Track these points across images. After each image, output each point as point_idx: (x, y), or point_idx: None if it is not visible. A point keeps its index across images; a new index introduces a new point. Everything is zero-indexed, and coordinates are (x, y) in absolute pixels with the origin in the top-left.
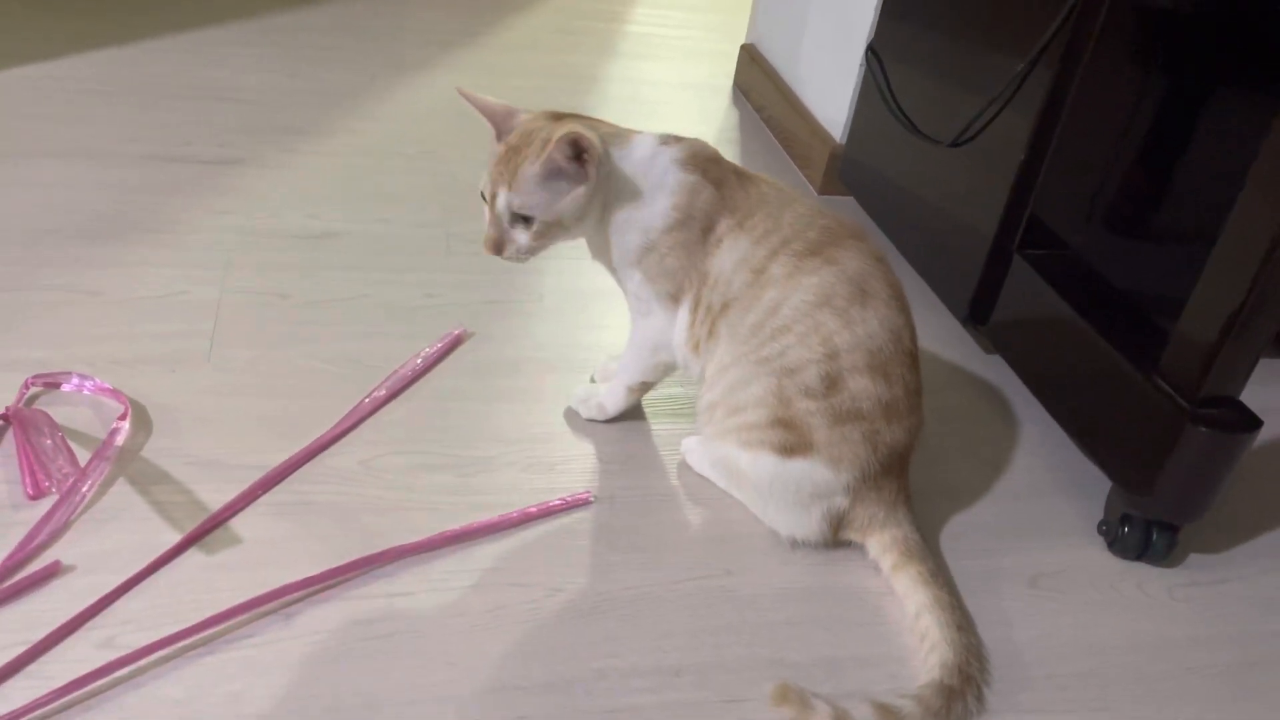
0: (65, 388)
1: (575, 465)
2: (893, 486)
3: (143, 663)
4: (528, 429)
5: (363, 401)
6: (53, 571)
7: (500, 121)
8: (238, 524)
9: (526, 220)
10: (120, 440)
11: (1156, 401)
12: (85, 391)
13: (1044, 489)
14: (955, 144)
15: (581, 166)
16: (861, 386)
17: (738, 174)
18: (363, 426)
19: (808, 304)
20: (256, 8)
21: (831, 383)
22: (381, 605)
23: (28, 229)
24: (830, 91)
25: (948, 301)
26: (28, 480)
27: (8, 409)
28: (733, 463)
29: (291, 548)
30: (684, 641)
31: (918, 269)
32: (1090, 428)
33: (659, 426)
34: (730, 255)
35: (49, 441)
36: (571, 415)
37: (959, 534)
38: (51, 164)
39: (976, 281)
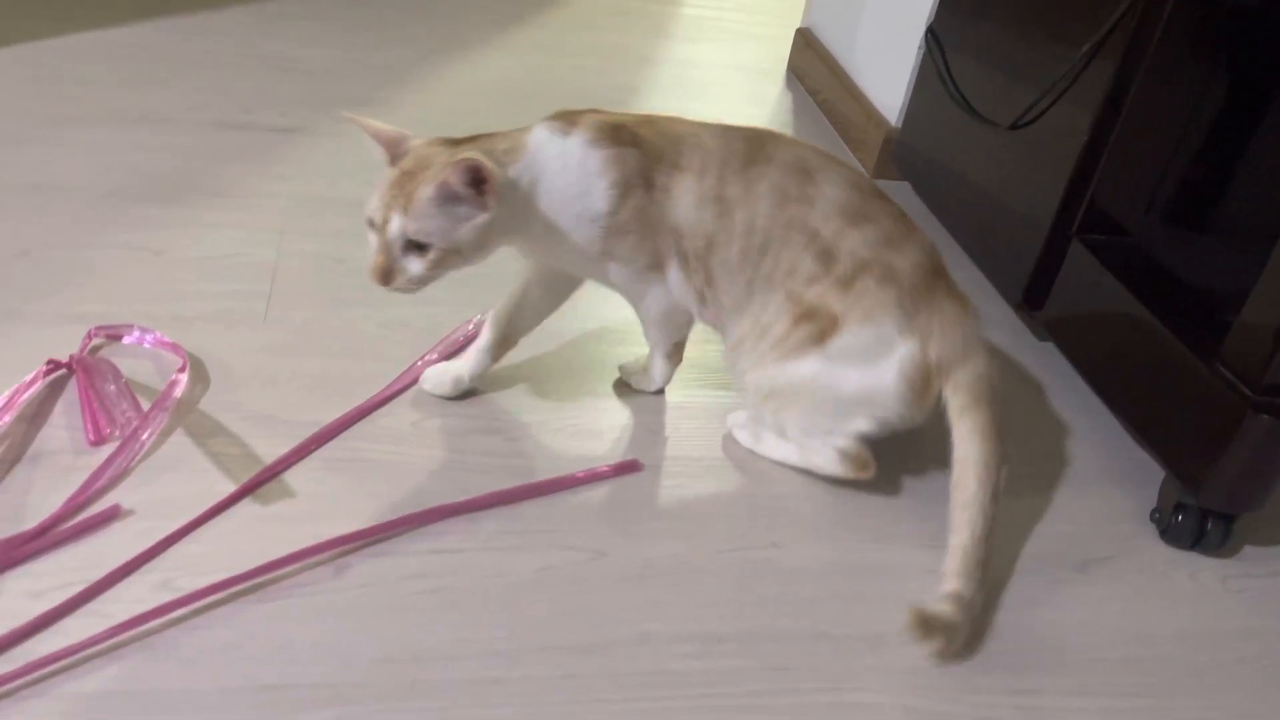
0: (126, 340)
1: (623, 433)
2: (946, 305)
3: (197, 605)
4: (576, 396)
5: (415, 364)
6: (113, 515)
7: (392, 146)
8: (291, 477)
9: (421, 248)
10: (179, 392)
11: (1218, 390)
12: (146, 344)
13: (1096, 476)
14: (1015, 127)
15: (480, 195)
16: (853, 242)
17: (642, 124)
18: (414, 388)
19: (772, 207)
20: None
21: (827, 257)
22: (430, 561)
23: (94, 189)
24: (886, 75)
25: (1001, 287)
26: (90, 427)
27: (72, 357)
28: (781, 386)
29: (343, 502)
30: (727, 610)
31: (970, 254)
32: (1146, 416)
33: (706, 398)
34: (685, 199)
35: (113, 388)
36: (619, 384)
37: (1008, 519)
38: (119, 128)
39: (1032, 267)
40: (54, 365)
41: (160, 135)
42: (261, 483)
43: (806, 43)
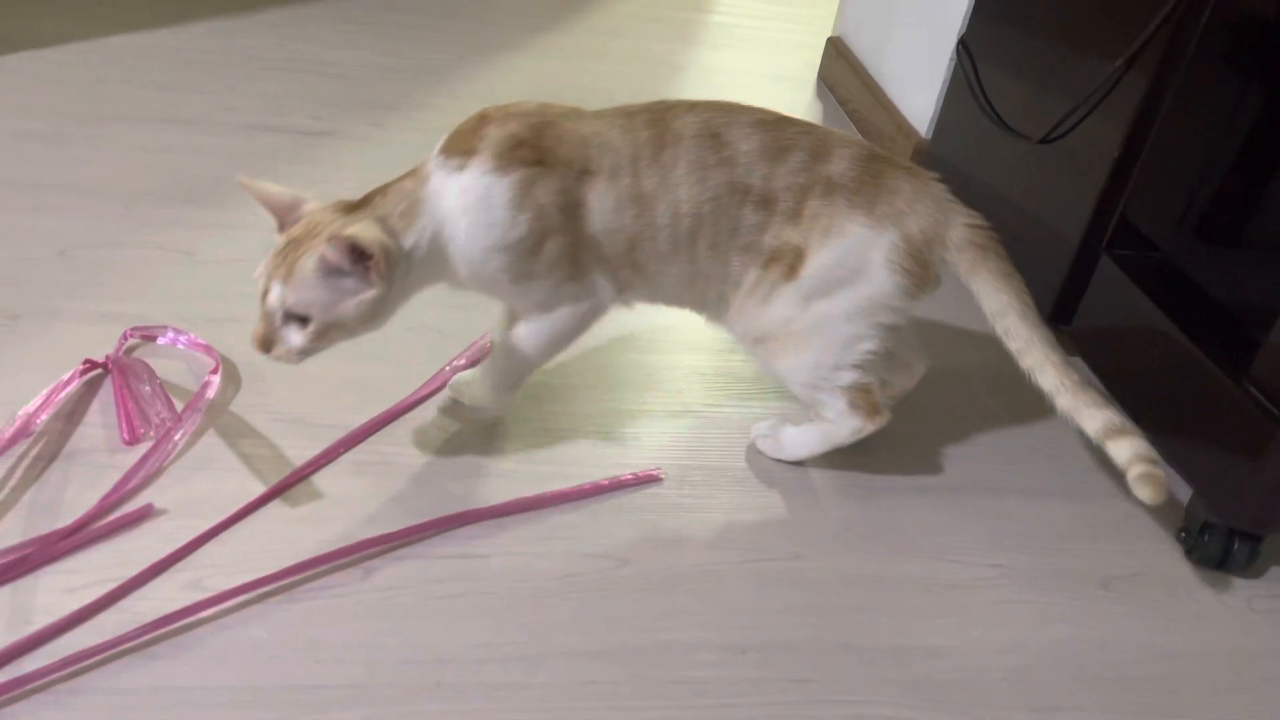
0: (160, 341)
1: (648, 442)
2: (901, 182)
3: (227, 605)
4: (602, 404)
5: (444, 369)
6: (145, 514)
7: (284, 212)
8: (319, 479)
9: (302, 319)
10: (211, 393)
11: (1247, 409)
12: (179, 345)
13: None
14: (1046, 140)
15: (366, 270)
16: (783, 177)
17: (543, 128)
18: (442, 393)
19: (693, 186)
20: None
21: (765, 203)
22: (455, 566)
23: (130, 189)
24: (917, 86)
25: None
26: (124, 426)
27: (108, 357)
28: (770, 328)
29: (370, 505)
30: (750, 620)
31: None
32: (1174, 433)
33: (730, 409)
34: (601, 205)
35: (148, 388)
36: (646, 394)
37: (1031, 532)
38: (155, 128)
39: (1061, 281)
40: (90, 365)
41: (194, 137)
42: (289, 485)
43: (838, 52)
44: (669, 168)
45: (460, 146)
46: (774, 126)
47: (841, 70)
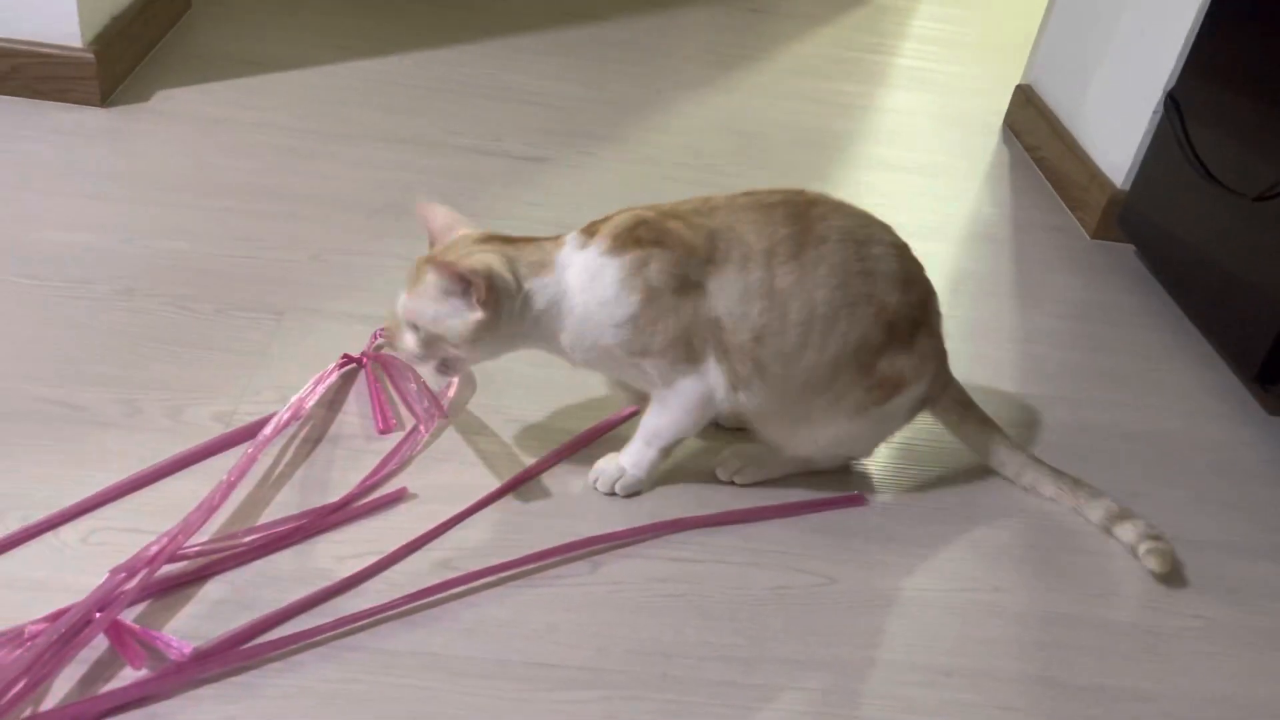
0: None
1: (849, 468)
2: (936, 341)
3: (475, 584)
4: None
5: None
6: (400, 496)
7: (440, 234)
8: (547, 478)
9: (415, 327)
10: (451, 393)
11: None
12: None
13: None
14: (1261, 199)
15: (469, 297)
16: (905, 306)
17: (669, 216)
18: None
19: (834, 289)
20: (556, 21)
21: (891, 327)
22: (675, 568)
23: (370, 202)
24: (1114, 136)
25: (1233, 360)
26: (379, 417)
27: (363, 353)
28: (852, 435)
29: (593, 505)
30: (953, 646)
31: (1199, 324)
32: None
33: (932, 439)
34: (727, 292)
35: (413, 385)
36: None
37: (1234, 588)
38: (389, 148)
39: (1271, 343)
40: (347, 359)
41: (422, 157)
42: (522, 481)
43: (1027, 99)
44: (810, 267)
45: (589, 228)
46: (902, 253)
47: (1030, 118)
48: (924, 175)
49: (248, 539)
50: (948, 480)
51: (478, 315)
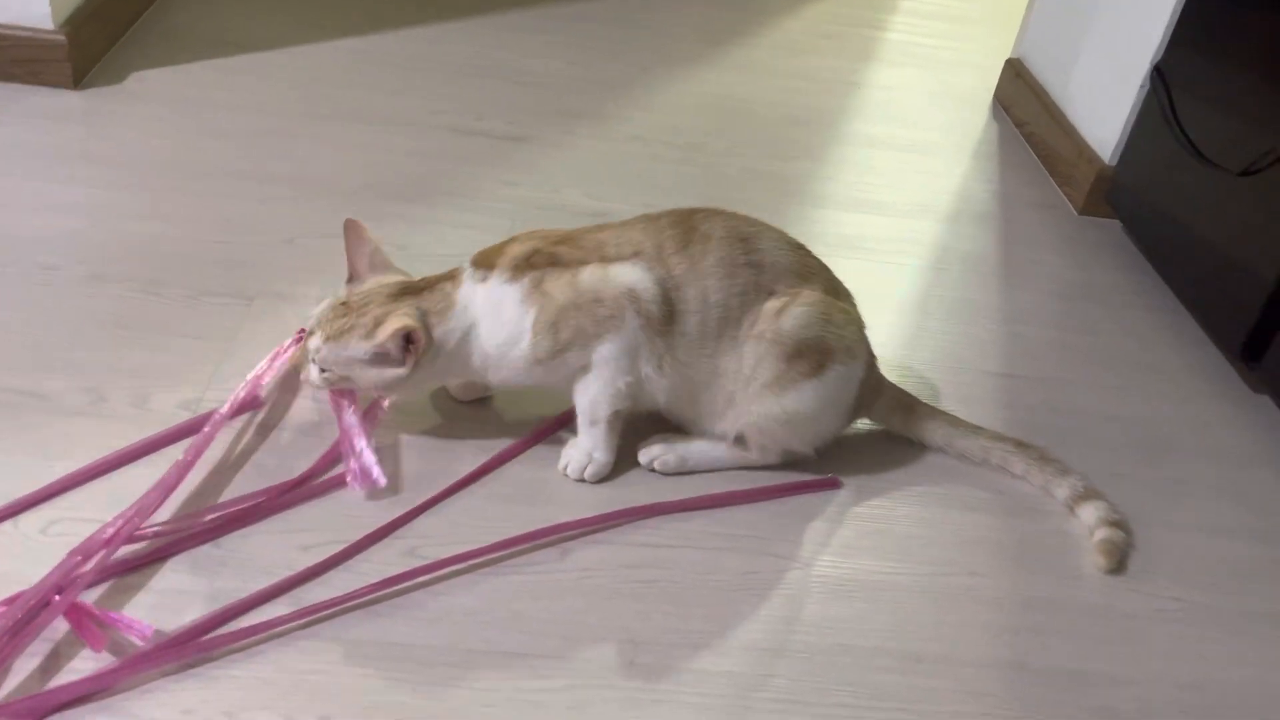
0: None
1: (826, 451)
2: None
3: (441, 573)
4: None
5: None
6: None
7: (359, 268)
8: (517, 465)
9: (325, 370)
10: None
11: None
12: None
13: None
14: (1245, 174)
15: (406, 354)
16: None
17: (561, 241)
18: None
19: (722, 279)
20: None
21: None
22: (646, 554)
23: (350, 184)
24: (1102, 111)
25: (1217, 336)
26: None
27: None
28: (791, 414)
29: (562, 491)
30: (926, 631)
31: (1184, 300)
32: None
33: None
34: (628, 267)
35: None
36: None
37: (1215, 569)
38: (369, 128)
39: (1255, 319)
40: (303, 334)
41: (402, 137)
42: (492, 469)
43: (1016, 73)
44: (696, 259)
45: (484, 261)
46: (797, 249)
47: (1020, 92)
48: (913, 152)
49: (206, 518)
50: (923, 464)
51: (398, 371)
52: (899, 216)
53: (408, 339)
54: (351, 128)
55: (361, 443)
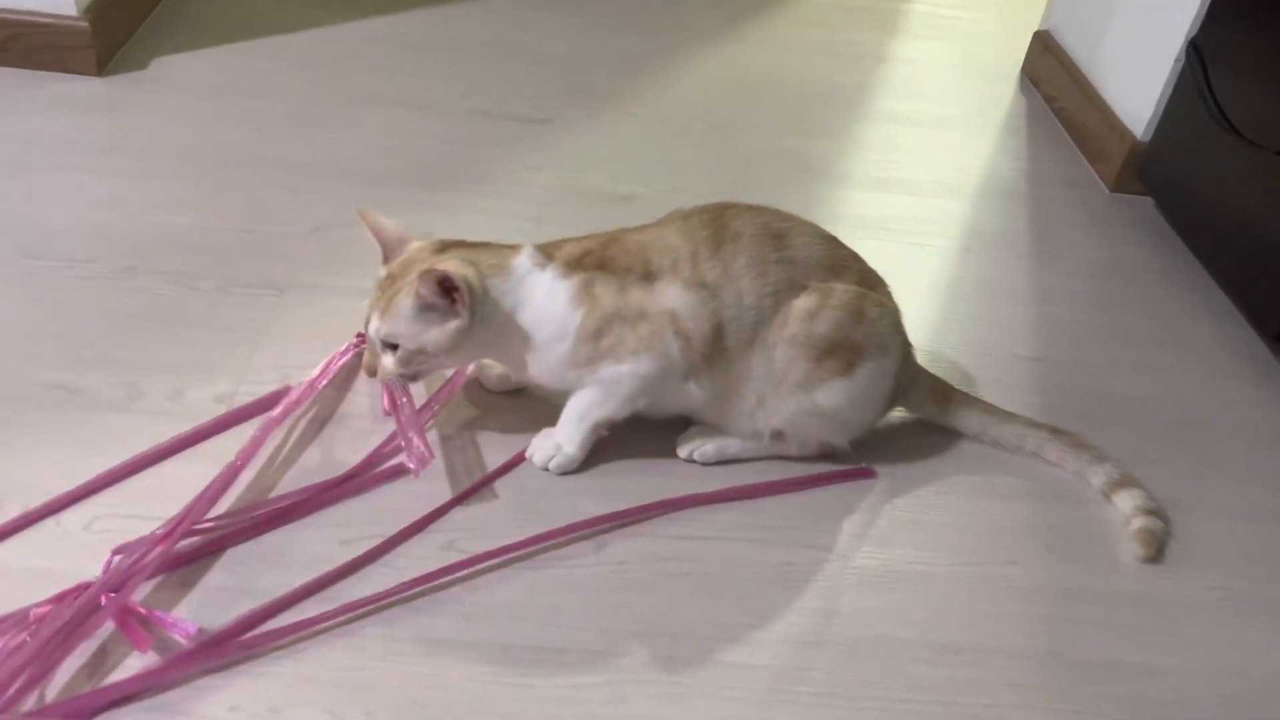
0: None
1: (865, 439)
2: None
3: (478, 567)
4: None
5: None
6: (399, 471)
7: (390, 246)
8: None
9: (394, 346)
10: (461, 380)
11: None
12: None
13: None
14: None
15: (452, 302)
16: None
17: (607, 244)
18: None
19: (755, 279)
20: None
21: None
22: (680, 546)
23: (374, 170)
24: (1135, 86)
25: (1252, 315)
26: (385, 397)
27: (360, 335)
28: (823, 410)
29: (597, 485)
30: (962, 622)
31: (1219, 279)
32: None
33: None
34: (671, 289)
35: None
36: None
37: (1251, 556)
38: (392, 112)
39: None
40: (362, 339)
41: (425, 120)
42: (522, 460)
43: (1045, 46)
44: (729, 261)
45: (550, 250)
46: (829, 241)
47: (1049, 66)
48: (939, 128)
49: (249, 516)
50: (957, 451)
51: (456, 322)
52: (925, 196)
53: (443, 283)
54: (374, 112)
55: (414, 429)
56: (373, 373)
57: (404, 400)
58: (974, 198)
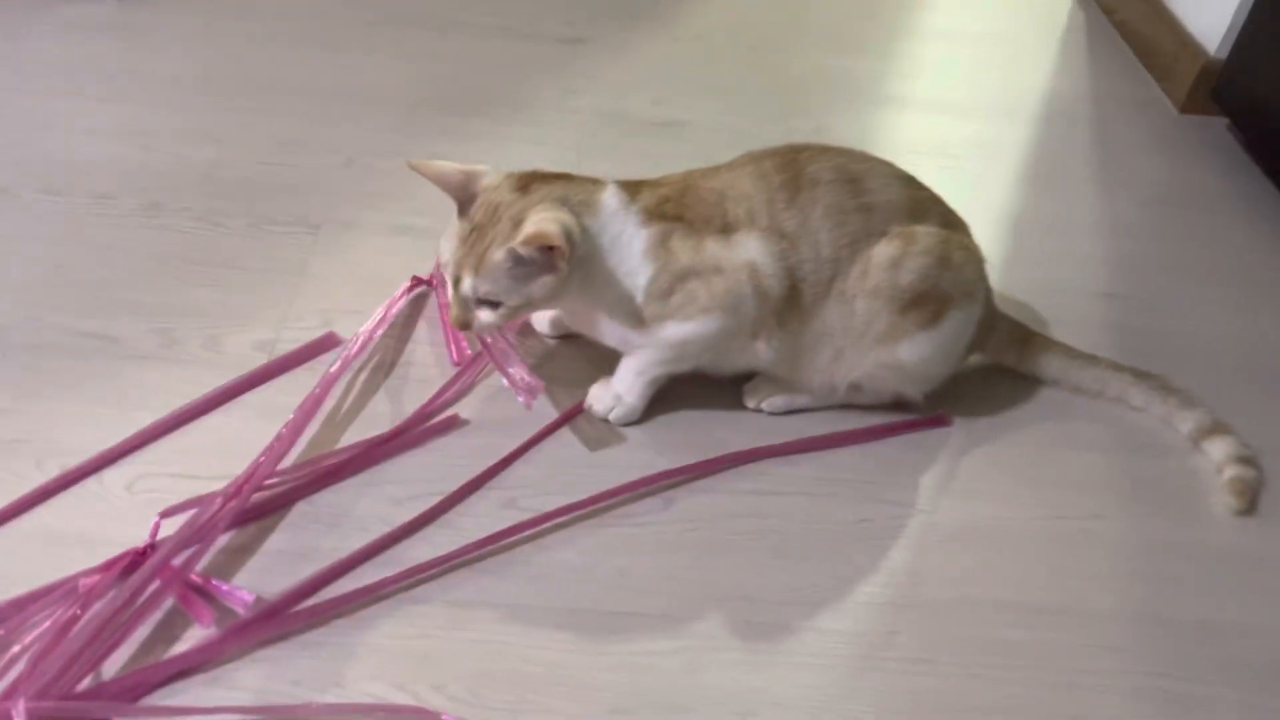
0: None
1: (937, 391)
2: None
3: (542, 526)
4: None
5: None
6: (452, 424)
7: (460, 193)
8: None
9: (494, 304)
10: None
11: None
12: None
13: None
14: None
15: (550, 258)
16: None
17: (684, 191)
18: None
19: (833, 229)
20: None
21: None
22: (750, 502)
23: (405, 97)
24: None
25: None
26: (452, 348)
27: (432, 275)
28: (903, 362)
29: (657, 435)
30: (1047, 580)
31: None
32: None
33: None
34: (747, 245)
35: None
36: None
37: None
38: (419, 34)
39: None
40: (417, 281)
41: (455, 42)
42: (581, 411)
43: None
44: (807, 210)
45: (634, 190)
46: (909, 183)
47: None
48: (989, 45)
49: (294, 475)
50: (1034, 398)
51: (553, 276)
52: (975, 120)
53: (569, 241)
54: (401, 33)
55: (514, 362)
56: (465, 326)
57: (495, 339)
58: (1030, 122)
